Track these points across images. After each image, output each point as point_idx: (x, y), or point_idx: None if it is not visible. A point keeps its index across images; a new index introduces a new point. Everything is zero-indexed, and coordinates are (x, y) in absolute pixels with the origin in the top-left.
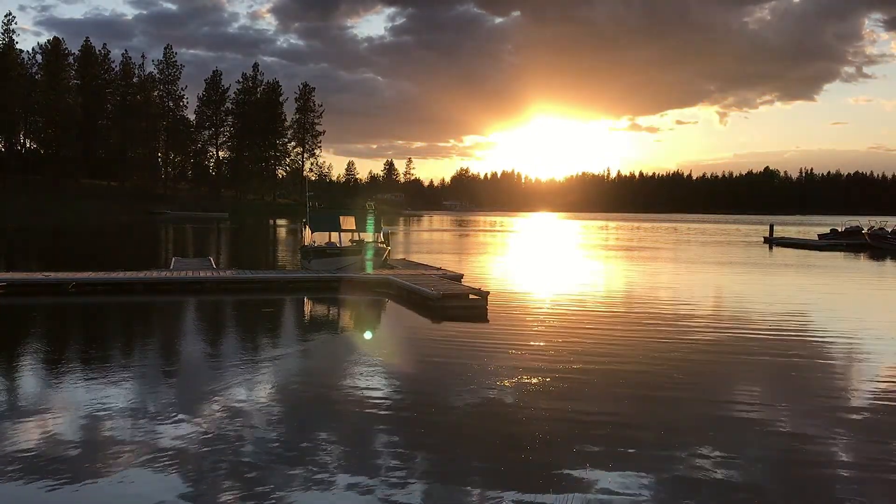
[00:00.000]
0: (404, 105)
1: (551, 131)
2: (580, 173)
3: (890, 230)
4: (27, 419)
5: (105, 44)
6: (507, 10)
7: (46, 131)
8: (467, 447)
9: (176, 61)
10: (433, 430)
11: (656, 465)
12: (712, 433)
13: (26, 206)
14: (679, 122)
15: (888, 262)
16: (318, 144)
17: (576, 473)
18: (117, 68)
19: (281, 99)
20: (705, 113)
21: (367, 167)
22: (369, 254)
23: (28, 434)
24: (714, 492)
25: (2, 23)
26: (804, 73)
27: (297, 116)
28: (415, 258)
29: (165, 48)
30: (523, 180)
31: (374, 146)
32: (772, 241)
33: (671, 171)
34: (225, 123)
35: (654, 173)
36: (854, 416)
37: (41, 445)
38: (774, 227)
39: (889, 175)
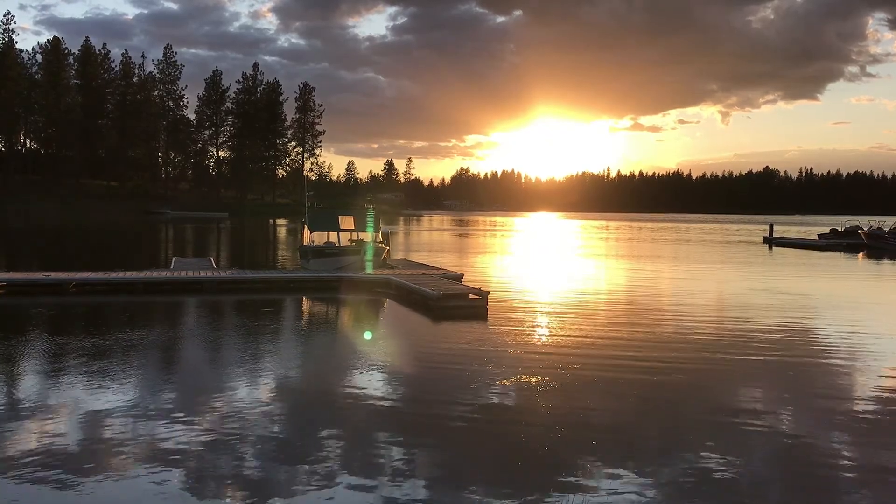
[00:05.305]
0: (405, 105)
1: (553, 131)
2: (580, 173)
3: (887, 230)
4: (27, 419)
5: (105, 43)
6: (509, 9)
7: (46, 131)
8: (467, 447)
9: (176, 61)
10: (433, 430)
11: (657, 465)
12: (713, 433)
13: (26, 206)
14: (681, 122)
15: (885, 262)
16: (318, 144)
17: (576, 473)
18: (117, 68)
19: (281, 99)
20: (707, 112)
21: (368, 167)
22: (369, 253)
23: (28, 434)
24: (715, 492)
25: (1, 22)
26: (807, 72)
27: (298, 116)
28: (415, 258)
29: (165, 48)
30: (523, 180)
31: (375, 146)
32: (771, 241)
33: (671, 171)
34: (225, 123)
35: (654, 173)
36: (855, 416)
37: (41, 445)
38: (774, 227)
39: (889, 175)
